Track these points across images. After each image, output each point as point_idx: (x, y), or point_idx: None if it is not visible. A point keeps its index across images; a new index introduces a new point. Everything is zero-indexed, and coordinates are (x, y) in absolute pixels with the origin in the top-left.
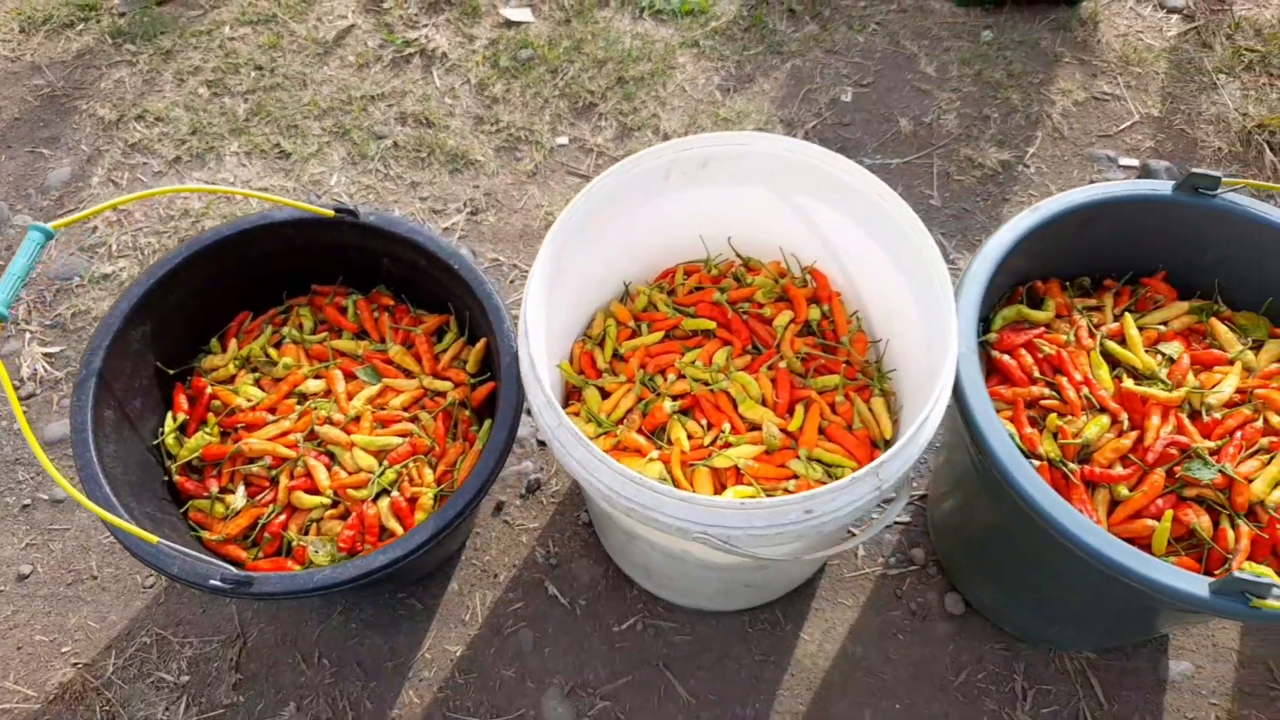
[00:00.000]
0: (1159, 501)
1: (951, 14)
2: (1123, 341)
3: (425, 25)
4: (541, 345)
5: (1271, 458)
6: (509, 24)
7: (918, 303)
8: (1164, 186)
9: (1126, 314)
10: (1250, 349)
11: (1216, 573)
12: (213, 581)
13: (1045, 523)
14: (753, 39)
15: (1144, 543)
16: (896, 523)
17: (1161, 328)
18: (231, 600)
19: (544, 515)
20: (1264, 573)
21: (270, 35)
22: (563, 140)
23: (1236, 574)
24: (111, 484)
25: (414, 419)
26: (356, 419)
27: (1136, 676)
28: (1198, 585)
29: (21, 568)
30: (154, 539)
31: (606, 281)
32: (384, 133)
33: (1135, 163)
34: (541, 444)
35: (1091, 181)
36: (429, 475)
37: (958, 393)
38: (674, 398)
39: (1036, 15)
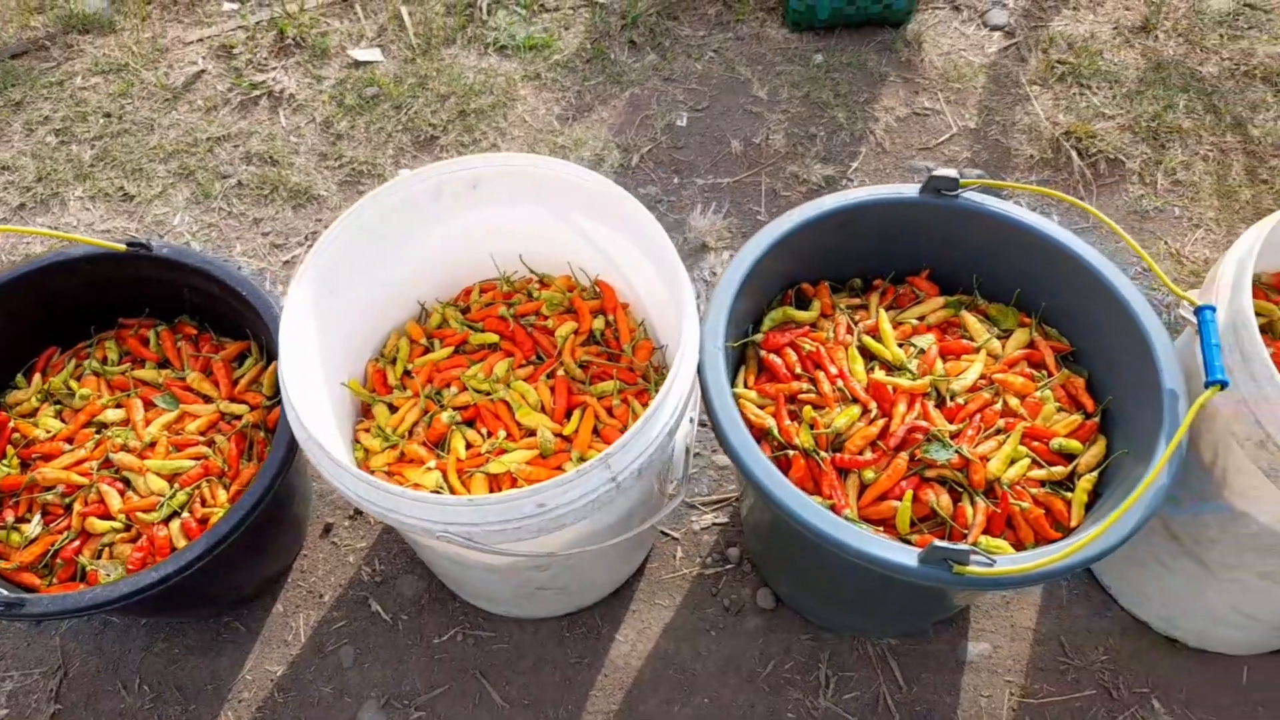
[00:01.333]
0: (903, 483)
1: (785, 40)
2: (879, 337)
3: (274, 69)
4: (297, 369)
5: (1007, 438)
6: (357, 64)
7: (674, 307)
8: (911, 190)
9: (881, 310)
10: (1000, 338)
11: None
12: None
13: (773, 504)
14: (594, 70)
15: (891, 523)
16: (715, 524)
17: (916, 322)
18: (29, 627)
19: (371, 535)
20: (998, 546)
21: (121, 83)
22: (404, 173)
23: (936, 543)
24: None
25: (210, 442)
26: (153, 445)
27: (936, 659)
28: (907, 556)
29: None
30: None
31: (401, 301)
32: (229, 172)
33: (952, 173)
34: None
35: None
36: (222, 496)
37: (703, 392)
38: (457, 409)
39: (865, 38)
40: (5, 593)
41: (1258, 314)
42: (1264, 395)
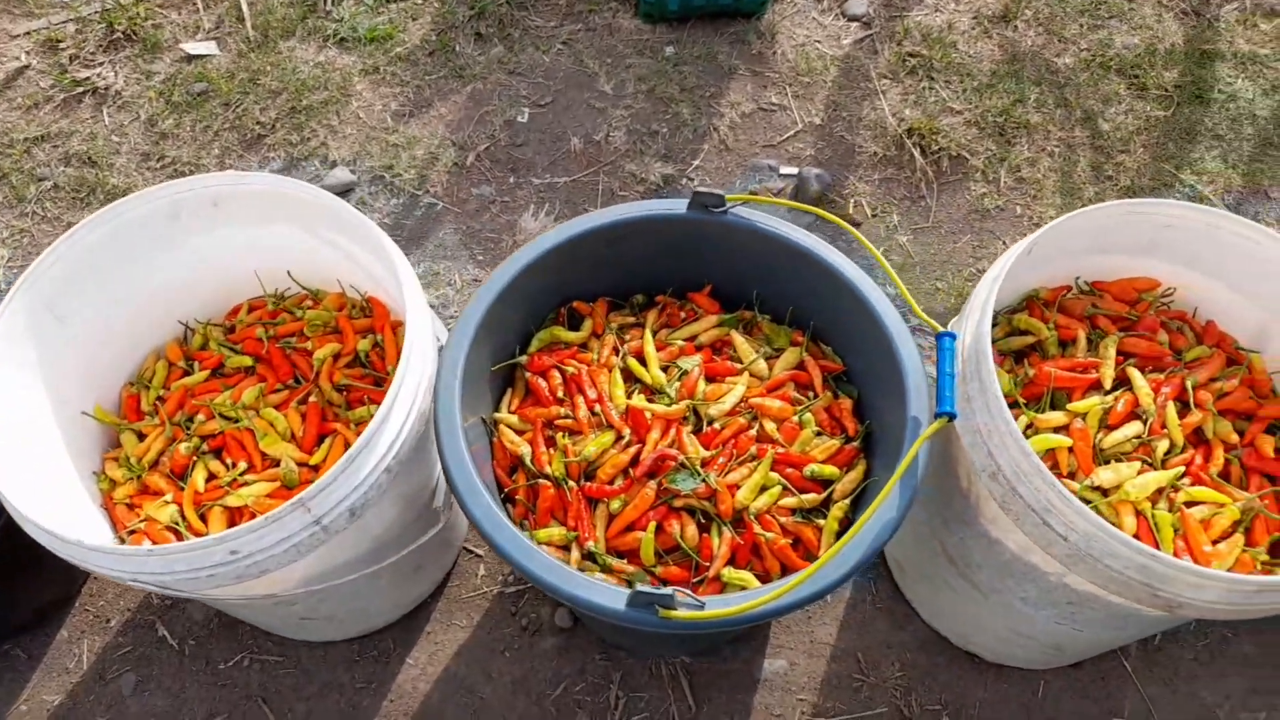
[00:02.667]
0: (651, 514)
1: (637, 31)
2: (644, 359)
3: (101, 64)
4: (16, 419)
5: (758, 465)
6: (190, 59)
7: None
8: (680, 206)
9: (647, 332)
10: (772, 357)
11: (693, 580)
12: None
13: (494, 548)
14: (437, 63)
15: (637, 555)
16: None
17: (683, 342)
18: None
19: None
20: (741, 578)
21: None
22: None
23: (640, 588)
24: None
25: None
26: None
27: (731, 678)
28: (615, 600)
29: None
30: None
31: (161, 321)
32: (45, 174)
33: (795, 170)
34: None
35: (752, 191)
36: None
37: (435, 423)
38: (204, 437)
39: (718, 29)
40: None
41: (1026, 332)
42: (995, 427)
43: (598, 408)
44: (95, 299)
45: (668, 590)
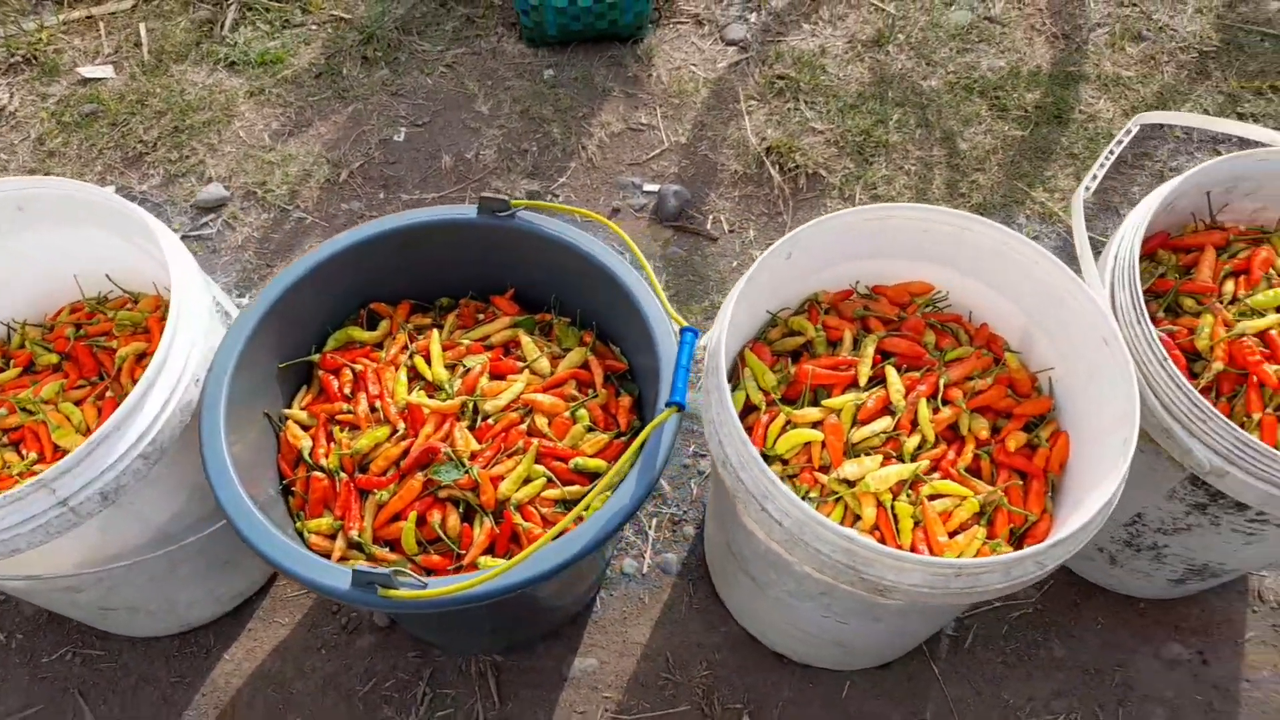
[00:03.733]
0: (418, 504)
1: (521, 55)
2: (429, 358)
3: None
4: None
5: (523, 458)
6: (85, 81)
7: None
8: (469, 211)
9: (435, 332)
10: (559, 357)
11: (450, 568)
12: None
13: (235, 531)
14: (322, 85)
15: (400, 544)
16: None
17: (469, 342)
18: None
19: None
20: (492, 564)
21: None
22: (110, 189)
23: (359, 567)
24: None
25: None
26: None
27: (539, 675)
28: (340, 579)
29: None
30: None
31: None
32: None
33: (656, 188)
34: None
35: (615, 209)
36: None
37: (199, 416)
38: (6, 430)
39: (599, 53)
40: None
41: (796, 333)
42: (723, 418)
43: (378, 403)
44: None
45: (385, 570)
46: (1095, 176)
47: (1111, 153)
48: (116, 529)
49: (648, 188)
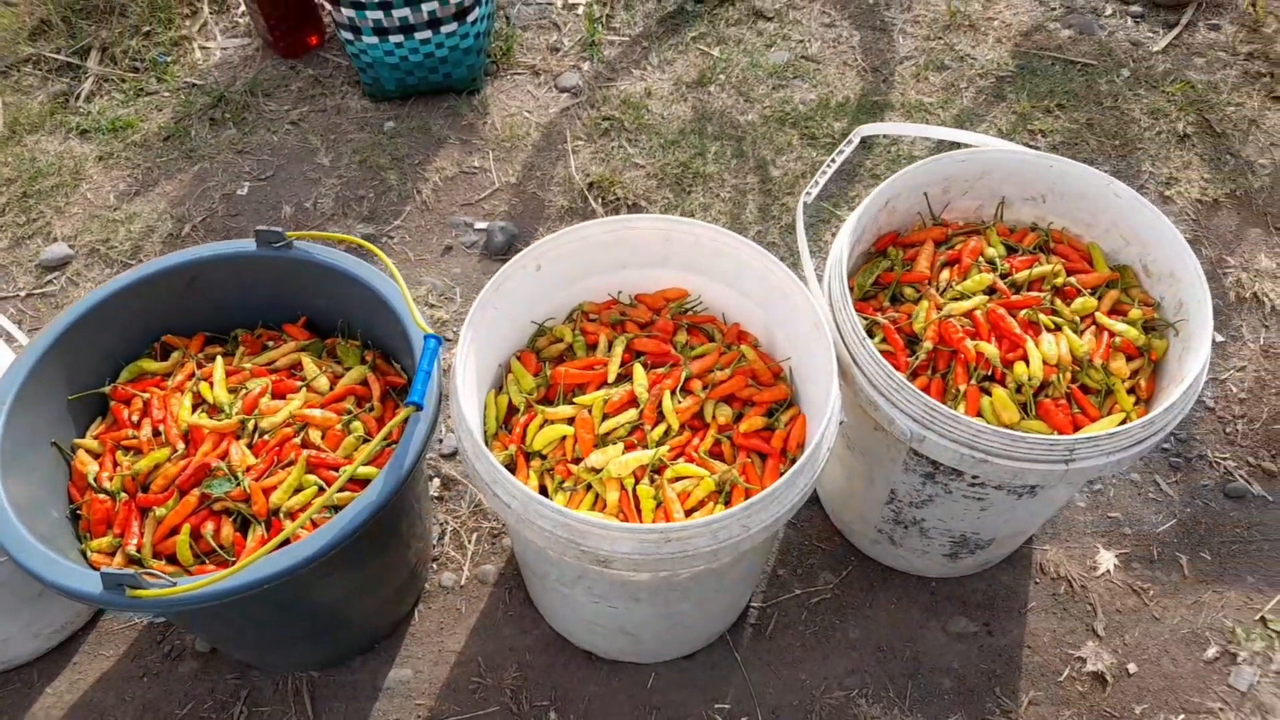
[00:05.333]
0: (195, 518)
1: (364, 110)
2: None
3: None
4: None
5: (294, 469)
6: None
7: None
8: (249, 244)
9: (218, 358)
10: (340, 375)
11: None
12: None
13: None
14: (170, 147)
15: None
16: None
17: (250, 366)
18: None
19: None
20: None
21: None
22: None
23: (105, 569)
24: None
25: None
26: None
27: (355, 688)
28: (92, 584)
29: None
30: None
31: None
32: None
33: (486, 225)
34: None
35: (448, 247)
36: None
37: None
38: None
39: (436, 105)
40: None
41: (560, 340)
42: (458, 413)
43: (161, 427)
44: None
45: (130, 571)
46: (817, 183)
47: (833, 162)
48: None
49: (479, 225)
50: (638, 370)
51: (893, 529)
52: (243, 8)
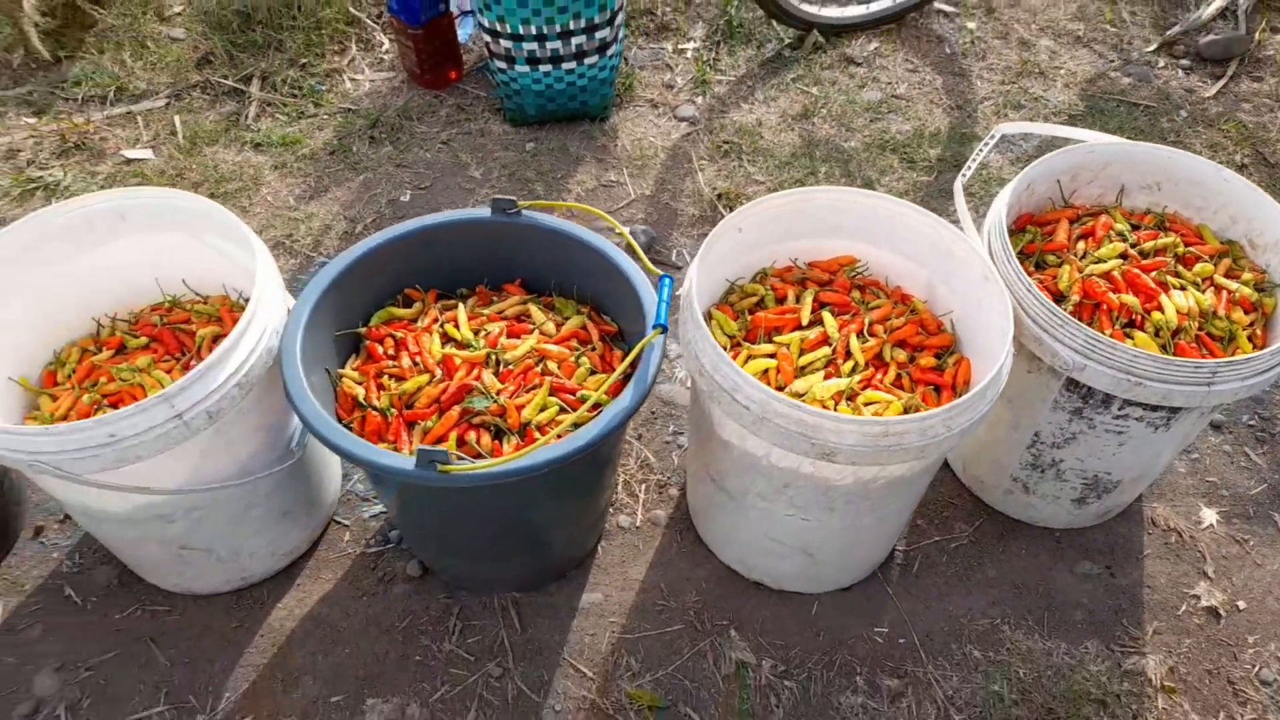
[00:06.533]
0: (457, 430)
1: (505, 133)
2: (458, 325)
3: (54, 167)
4: None
5: (540, 390)
6: (129, 162)
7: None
8: (484, 212)
9: (462, 305)
10: (560, 323)
11: None
12: None
13: (315, 435)
14: (336, 160)
15: None
16: (381, 513)
17: (487, 313)
18: None
19: (77, 534)
20: None
21: None
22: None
23: (422, 447)
24: None
25: None
26: None
27: (553, 608)
28: (405, 462)
29: None
30: None
31: (77, 319)
32: None
33: (627, 229)
34: None
35: None
36: None
37: (284, 381)
38: (105, 395)
39: (571, 129)
40: None
41: (750, 295)
42: (697, 335)
43: (418, 358)
44: (22, 292)
45: (443, 449)
46: (970, 167)
47: (980, 151)
48: (212, 455)
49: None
50: (827, 316)
51: (1029, 475)
52: (386, 45)
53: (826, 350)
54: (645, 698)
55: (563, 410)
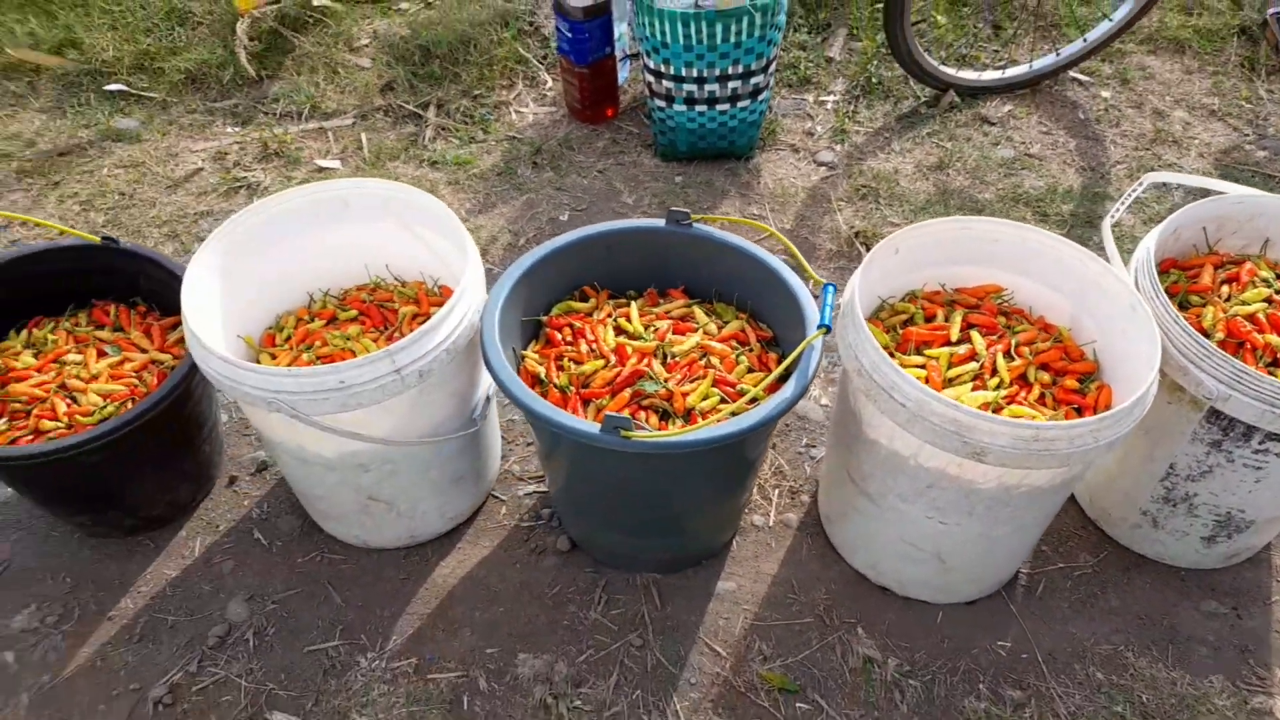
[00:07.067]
0: (627, 409)
1: (656, 166)
2: (629, 319)
3: (256, 169)
4: (199, 318)
5: (703, 382)
6: (320, 170)
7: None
8: (659, 222)
9: (634, 304)
10: (720, 326)
11: None
12: None
13: (511, 397)
14: (502, 181)
15: None
16: (535, 492)
17: (655, 312)
18: None
19: (266, 486)
20: None
21: (136, 174)
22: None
23: (609, 413)
24: None
25: (139, 377)
26: (96, 376)
27: (690, 591)
28: (592, 426)
29: None
30: None
31: (294, 293)
32: (205, 237)
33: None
34: None
35: None
36: None
37: (485, 352)
38: (319, 356)
39: (717, 166)
40: None
41: (900, 313)
42: (858, 338)
43: (594, 345)
44: (251, 266)
45: (626, 417)
46: (1118, 210)
47: (1128, 198)
48: (413, 412)
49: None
50: (975, 335)
51: (1159, 508)
52: (550, 83)
53: (974, 365)
54: (777, 680)
55: (723, 401)
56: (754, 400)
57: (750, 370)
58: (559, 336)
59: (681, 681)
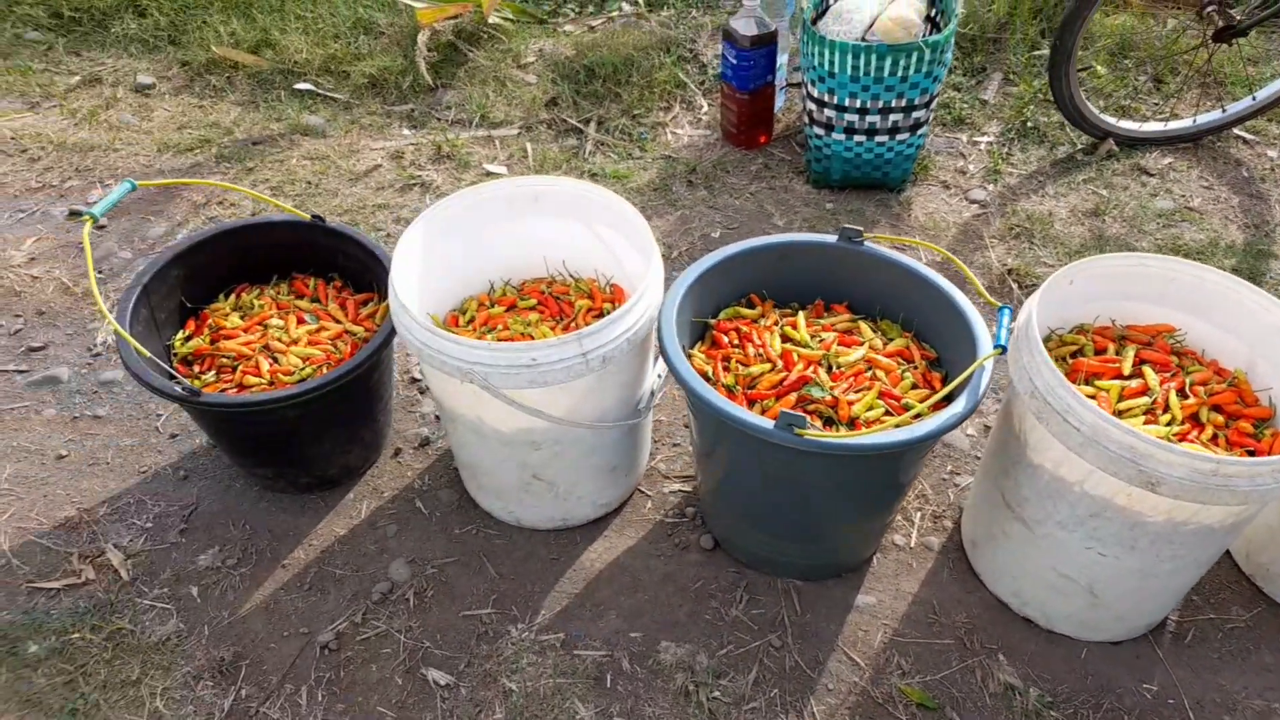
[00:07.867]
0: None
1: (807, 192)
2: (795, 328)
3: (429, 169)
4: (405, 291)
5: (868, 393)
6: (488, 173)
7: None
8: (831, 237)
9: (800, 315)
10: (885, 342)
11: None
12: (175, 390)
13: (684, 386)
14: (658, 196)
15: None
16: (680, 491)
17: (822, 323)
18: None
19: (428, 460)
20: None
21: (321, 166)
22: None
23: (784, 411)
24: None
25: (334, 345)
26: (296, 340)
27: (831, 600)
28: (766, 422)
29: (60, 450)
30: (146, 352)
31: (478, 279)
32: (381, 227)
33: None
34: (436, 417)
35: None
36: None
37: (663, 346)
38: (500, 340)
39: (868, 196)
40: (189, 385)
41: (1069, 344)
42: (1032, 360)
43: (761, 350)
44: (446, 249)
45: (801, 415)
46: None
47: None
48: (589, 396)
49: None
50: (1148, 370)
51: None
52: (706, 107)
53: (1145, 400)
54: (916, 695)
55: (887, 413)
56: (918, 416)
57: (914, 387)
58: (725, 339)
59: (819, 686)
